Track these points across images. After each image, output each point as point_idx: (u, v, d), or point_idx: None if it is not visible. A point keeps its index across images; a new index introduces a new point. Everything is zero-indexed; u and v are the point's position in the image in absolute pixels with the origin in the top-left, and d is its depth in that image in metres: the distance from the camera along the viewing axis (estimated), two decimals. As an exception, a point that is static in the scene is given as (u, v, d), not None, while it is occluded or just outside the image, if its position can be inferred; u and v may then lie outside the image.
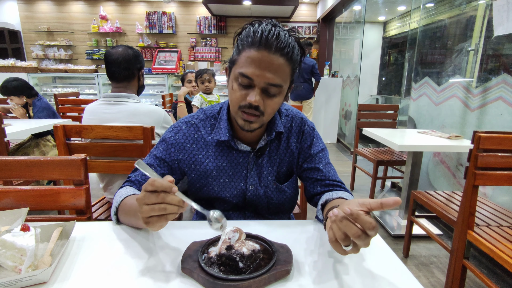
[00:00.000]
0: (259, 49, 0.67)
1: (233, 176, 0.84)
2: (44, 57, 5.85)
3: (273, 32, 0.67)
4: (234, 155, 0.83)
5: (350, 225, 0.50)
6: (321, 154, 0.88)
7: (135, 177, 0.84)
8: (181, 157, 0.83)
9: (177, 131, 0.84)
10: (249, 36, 0.69)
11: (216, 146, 0.83)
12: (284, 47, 0.67)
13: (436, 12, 2.75)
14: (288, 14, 5.77)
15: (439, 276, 1.72)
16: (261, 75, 0.68)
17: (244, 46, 0.70)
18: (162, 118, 1.46)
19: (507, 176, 1.26)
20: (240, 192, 0.85)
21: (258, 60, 0.67)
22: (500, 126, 1.84)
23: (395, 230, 2.18)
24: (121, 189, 0.80)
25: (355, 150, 2.91)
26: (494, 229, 1.34)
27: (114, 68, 1.37)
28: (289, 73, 0.72)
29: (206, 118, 0.86)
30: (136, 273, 0.59)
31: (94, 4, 5.83)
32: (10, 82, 2.43)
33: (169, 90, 5.49)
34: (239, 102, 0.72)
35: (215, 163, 0.83)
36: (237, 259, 0.56)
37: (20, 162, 0.85)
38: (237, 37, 0.73)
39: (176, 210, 0.54)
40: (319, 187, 0.87)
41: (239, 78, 0.70)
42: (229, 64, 0.76)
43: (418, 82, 2.79)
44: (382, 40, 6.49)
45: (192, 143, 0.83)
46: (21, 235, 0.58)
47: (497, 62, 1.96)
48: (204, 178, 0.84)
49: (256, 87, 0.70)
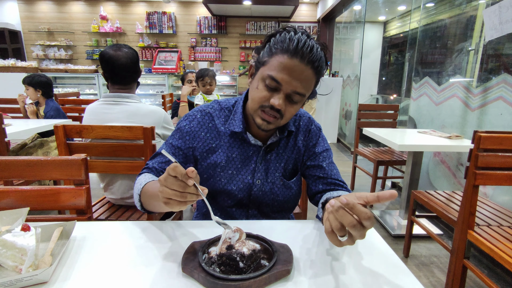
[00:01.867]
0: (293, 57, 0.69)
1: (241, 168, 0.85)
2: (44, 57, 5.86)
3: (308, 44, 0.69)
4: (245, 147, 0.85)
5: (346, 214, 0.50)
6: (325, 154, 0.90)
7: (152, 164, 0.85)
8: (195, 144, 0.85)
9: (192, 119, 0.86)
10: (284, 42, 0.70)
11: (229, 136, 0.85)
12: (315, 60, 0.70)
13: (436, 12, 2.75)
14: (288, 14, 5.77)
15: (439, 276, 1.72)
16: (290, 82, 0.71)
17: (278, 51, 0.71)
18: (163, 118, 1.46)
19: (508, 176, 1.26)
20: (246, 186, 0.86)
21: (290, 68, 0.70)
22: (500, 125, 1.84)
23: (396, 230, 2.18)
24: (140, 176, 0.82)
25: (356, 150, 2.91)
26: (494, 229, 1.34)
27: (124, 73, 1.36)
28: (313, 84, 0.75)
29: (221, 109, 0.88)
30: (136, 273, 0.59)
31: (94, 4, 5.83)
32: (38, 76, 2.51)
33: (169, 90, 5.49)
34: (262, 102, 0.74)
35: (226, 153, 0.84)
36: (238, 259, 0.56)
37: (20, 162, 0.86)
38: (270, 39, 0.74)
39: (194, 198, 0.56)
40: (321, 185, 0.88)
41: (267, 79, 0.72)
42: (257, 64, 0.77)
43: (418, 82, 2.79)
44: (382, 40, 6.49)
45: (206, 132, 0.85)
46: (22, 235, 0.58)
47: (497, 62, 1.96)
48: (213, 168, 0.85)
49: (282, 91, 0.72)
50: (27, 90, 2.51)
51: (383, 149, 2.92)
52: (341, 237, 0.52)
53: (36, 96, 2.52)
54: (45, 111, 2.52)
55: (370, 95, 6.33)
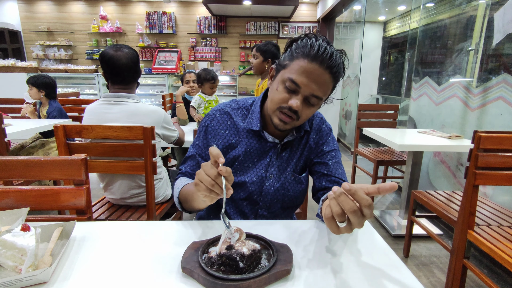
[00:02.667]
0: (313, 61, 0.73)
1: (256, 162, 0.90)
2: (44, 57, 5.86)
3: (328, 51, 0.73)
4: (262, 143, 0.90)
5: (347, 200, 0.51)
6: (333, 153, 0.93)
7: (185, 169, 0.93)
8: (216, 142, 0.90)
9: (212, 118, 0.91)
10: (305, 47, 0.74)
11: (247, 133, 0.89)
12: (334, 66, 0.74)
13: (436, 12, 2.75)
14: (288, 14, 5.77)
15: (439, 276, 1.72)
16: (308, 85, 0.74)
17: (299, 55, 0.75)
18: (162, 118, 1.46)
19: (508, 175, 1.26)
20: (259, 179, 0.90)
21: (310, 71, 0.73)
22: (500, 125, 1.84)
23: (396, 230, 2.18)
24: (177, 181, 0.89)
25: (356, 150, 2.91)
26: (494, 229, 1.34)
27: (124, 73, 1.36)
28: (330, 88, 0.79)
29: (239, 108, 0.92)
30: (136, 273, 0.59)
31: (94, 4, 5.83)
32: (42, 77, 2.51)
33: (169, 90, 5.49)
34: (280, 103, 0.78)
35: (245, 148, 0.89)
36: (238, 259, 0.56)
37: (20, 162, 0.85)
38: (292, 44, 0.79)
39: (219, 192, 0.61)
40: (324, 182, 0.91)
41: (287, 82, 0.76)
42: (278, 67, 0.81)
43: (418, 82, 2.79)
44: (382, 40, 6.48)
45: (225, 129, 0.90)
46: (22, 235, 0.58)
47: (497, 62, 1.96)
48: (232, 163, 0.90)
49: (300, 94, 0.76)
50: (30, 90, 2.51)
51: (383, 149, 2.92)
52: (340, 223, 0.53)
53: (39, 96, 2.52)
54: (48, 111, 2.52)
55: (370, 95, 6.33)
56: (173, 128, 1.57)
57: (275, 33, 6.06)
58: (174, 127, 1.59)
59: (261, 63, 2.21)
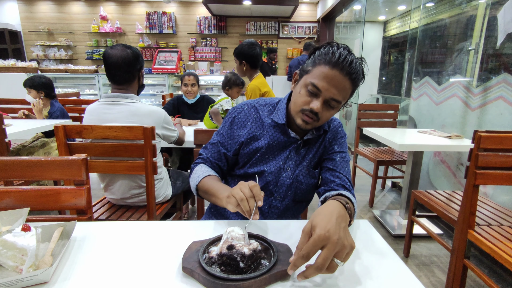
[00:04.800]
0: (334, 68, 0.79)
1: (277, 154, 0.96)
2: (44, 58, 5.86)
3: (348, 59, 0.78)
4: (284, 138, 0.95)
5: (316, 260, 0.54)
6: (343, 154, 0.98)
7: (206, 155, 0.99)
8: (241, 132, 0.96)
9: (240, 111, 0.98)
10: (327, 54, 0.80)
11: (272, 127, 0.95)
12: (353, 73, 0.80)
13: (437, 12, 2.75)
14: (288, 14, 5.77)
15: (439, 275, 1.72)
16: (329, 90, 0.80)
17: (321, 62, 0.81)
18: (163, 119, 1.46)
19: (508, 175, 1.26)
20: (277, 170, 0.95)
21: (330, 77, 0.79)
22: (500, 125, 1.84)
23: (396, 229, 2.18)
24: (197, 167, 0.96)
25: (356, 149, 2.91)
26: (494, 229, 1.34)
27: (114, 71, 1.36)
28: (349, 93, 0.85)
29: (265, 104, 0.99)
30: (137, 273, 0.59)
31: (94, 5, 5.83)
32: (38, 78, 2.49)
33: (169, 90, 5.48)
34: (303, 106, 0.84)
35: (268, 141, 0.95)
36: (238, 259, 0.56)
37: (20, 162, 0.86)
38: (315, 52, 0.85)
39: (249, 211, 0.68)
40: (327, 175, 0.95)
41: (309, 86, 0.82)
42: (301, 72, 0.88)
43: (418, 82, 2.79)
44: (382, 40, 6.48)
45: (252, 122, 0.96)
46: (22, 235, 0.58)
47: (497, 61, 1.96)
48: (254, 153, 0.95)
49: (321, 97, 0.82)
50: (30, 93, 2.50)
51: (383, 149, 2.92)
52: (339, 262, 0.55)
53: (39, 97, 2.51)
54: (50, 112, 2.51)
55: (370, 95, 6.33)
56: (173, 128, 1.57)
57: (275, 33, 6.07)
58: (174, 127, 1.59)
59: (238, 66, 2.21)
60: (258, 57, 2.15)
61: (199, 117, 2.63)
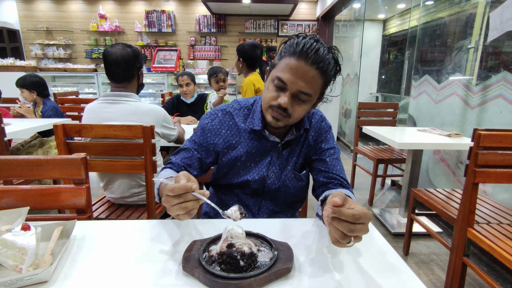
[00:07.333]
0: (298, 59, 0.74)
1: (258, 161, 0.92)
2: (43, 56, 5.84)
3: (313, 47, 0.73)
4: (263, 143, 0.91)
5: (341, 222, 0.52)
6: (331, 150, 0.94)
7: (175, 160, 0.92)
8: (216, 141, 0.91)
9: (214, 118, 0.93)
10: (292, 46, 0.76)
11: (248, 133, 0.91)
12: (320, 61, 0.74)
13: (436, 10, 2.75)
14: (287, 12, 5.75)
15: (439, 273, 1.73)
16: (295, 82, 0.75)
17: (286, 54, 0.77)
18: (162, 117, 1.46)
19: (507, 173, 1.26)
20: (261, 177, 0.92)
21: (295, 68, 0.75)
22: (500, 123, 1.84)
23: (395, 228, 2.18)
24: (161, 172, 0.88)
25: (355, 148, 2.91)
26: (494, 227, 1.35)
27: (113, 69, 1.36)
28: (320, 85, 0.79)
29: (240, 108, 0.94)
30: (137, 271, 0.59)
31: (93, 3, 5.81)
32: (29, 77, 2.47)
33: (169, 89, 5.48)
34: (271, 102, 0.80)
35: (246, 148, 0.91)
36: (238, 258, 0.56)
37: (20, 161, 0.85)
38: (282, 45, 0.81)
39: (196, 205, 0.60)
40: (322, 178, 0.92)
41: (275, 80, 0.78)
42: (270, 68, 0.84)
43: (418, 80, 2.79)
44: (381, 38, 6.48)
45: (227, 129, 0.91)
46: (22, 234, 0.58)
47: (497, 60, 1.96)
48: (233, 163, 0.91)
49: (288, 91, 0.77)
50: (22, 93, 2.49)
51: (382, 147, 2.92)
52: (348, 243, 0.54)
53: (32, 97, 2.50)
54: (43, 111, 2.50)
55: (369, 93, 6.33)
56: (173, 127, 1.56)
57: (275, 32, 6.05)
58: (174, 125, 1.59)
59: (237, 62, 2.30)
60: (256, 59, 2.23)
61: (198, 116, 2.63)
